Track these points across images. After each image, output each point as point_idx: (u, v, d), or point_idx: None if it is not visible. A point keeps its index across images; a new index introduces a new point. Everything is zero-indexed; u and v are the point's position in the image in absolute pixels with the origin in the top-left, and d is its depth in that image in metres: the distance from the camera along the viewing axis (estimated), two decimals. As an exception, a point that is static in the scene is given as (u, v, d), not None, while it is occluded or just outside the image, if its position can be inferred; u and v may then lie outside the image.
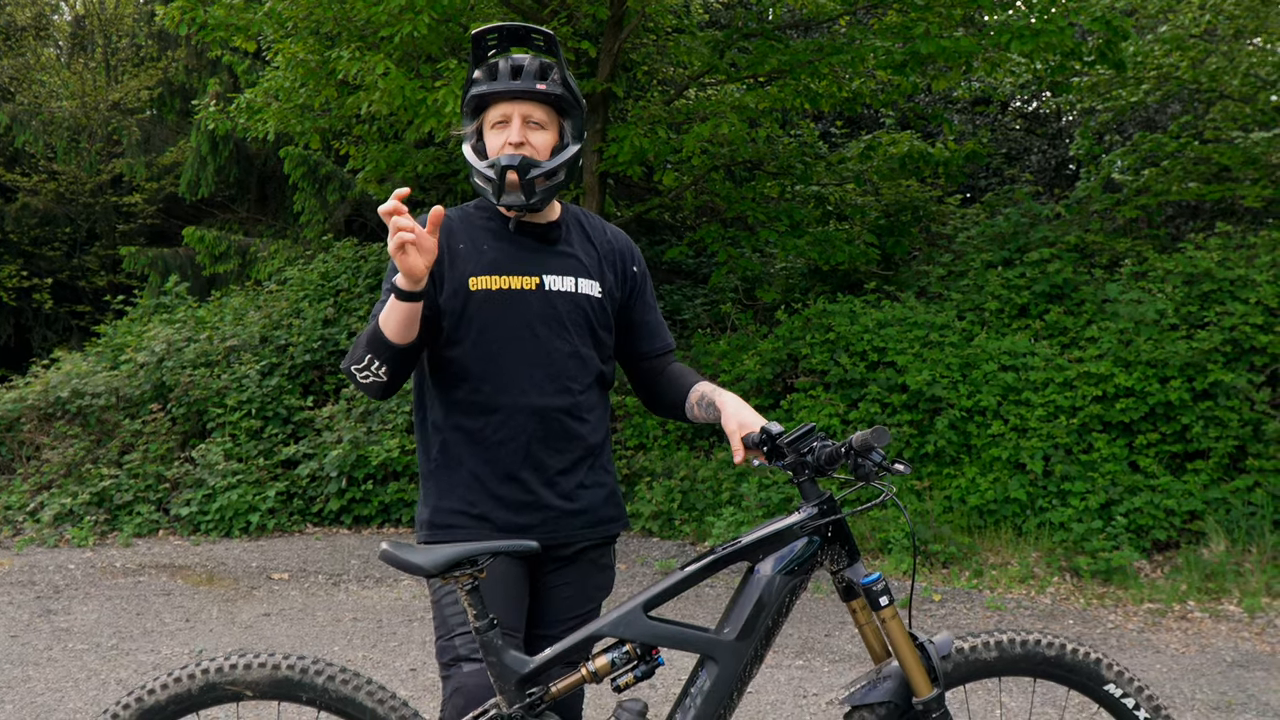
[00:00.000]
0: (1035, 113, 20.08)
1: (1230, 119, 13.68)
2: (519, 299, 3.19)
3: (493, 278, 3.17)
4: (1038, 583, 8.68)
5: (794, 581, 2.91)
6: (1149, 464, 9.50)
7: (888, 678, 2.95)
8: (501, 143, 3.15)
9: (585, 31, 11.38)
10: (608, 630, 2.85)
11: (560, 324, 3.23)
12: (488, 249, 3.21)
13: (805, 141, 14.89)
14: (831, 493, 2.95)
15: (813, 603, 8.10)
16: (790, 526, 2.91)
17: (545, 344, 3.20)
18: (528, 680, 2.83)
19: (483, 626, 2.81)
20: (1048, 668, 2.99)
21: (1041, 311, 10.97)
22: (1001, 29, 10.56)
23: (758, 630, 2.87)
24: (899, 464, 2.84)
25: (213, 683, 2.83)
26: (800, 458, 2.91)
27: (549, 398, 3.20)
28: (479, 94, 3.18)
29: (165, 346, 12.23)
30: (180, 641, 7.19)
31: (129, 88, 19.85)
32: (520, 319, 3.18)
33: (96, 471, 10.91)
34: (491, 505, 3.18)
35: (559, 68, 3.21)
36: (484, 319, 3.16)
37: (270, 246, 16.36)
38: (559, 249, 3.30)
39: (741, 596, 2.91)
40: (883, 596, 2.90)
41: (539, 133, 3.18)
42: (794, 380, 11.18)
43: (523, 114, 3.16)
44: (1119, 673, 3.01)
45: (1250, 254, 10.51)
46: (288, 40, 10.91)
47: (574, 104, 3.23)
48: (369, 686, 2.86)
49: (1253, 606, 7.98)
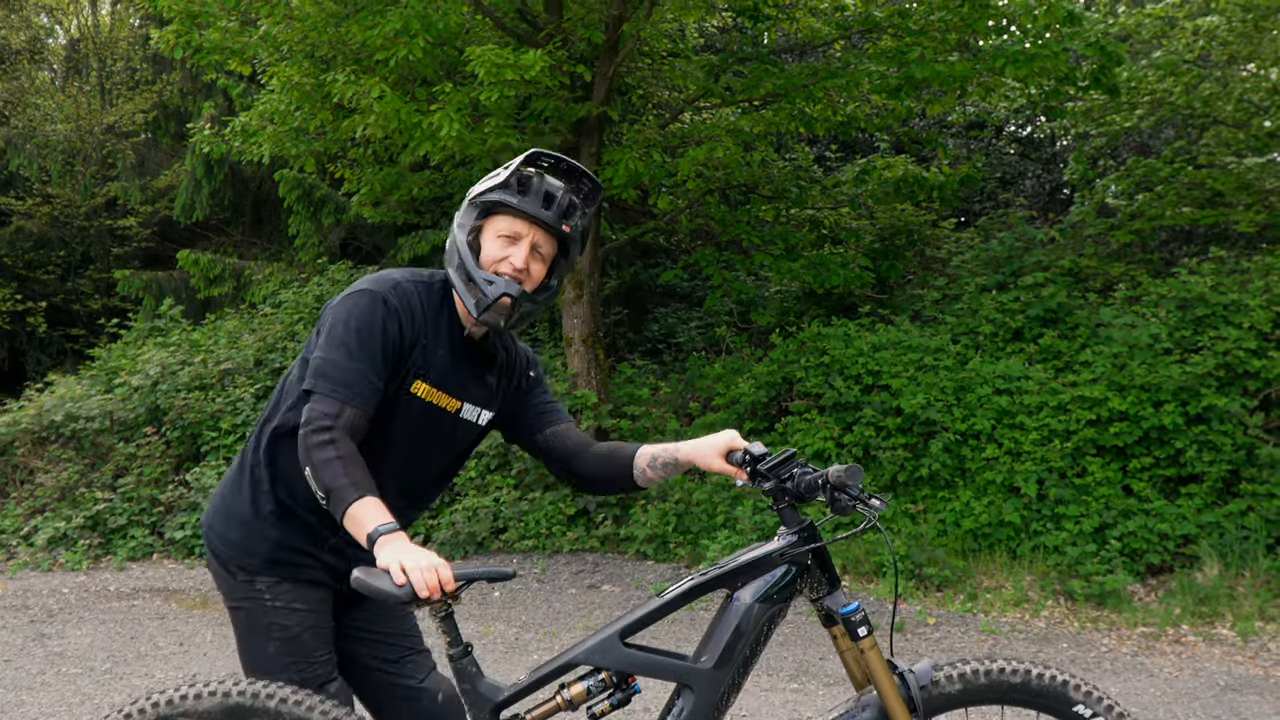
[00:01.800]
0: (1029, 137, 20.12)
1: (1224, 144, 13.70)
2: (437, 417, 3.21)
3: (431, 389, 3.17)
4: (1032, 606, 8.66)
5: (773, 609, 2.90)
6: (1143, 488, 9.49)
7: (866, 707, 2.94)
8: (502, 258, 3.09)
9: (580, 55, 11.39)
10: (583, 658, 2.84)
11: (452, 449, 3.33)
12: (441, 358, 3.18)
13: (800, 165, 14.90)
14: (812, 519, 2.94)
15: (807, 625, 8.08)
16: (770, 554, 2.91)
17: (427, 464, 3.28)
18: (502, 707, 2.82)
19: (457, 654, 2.80)
20: (1014, 694, 2.99)
21: (1036, 335, 10.97)
22: (996, 54, 10.58)
23: (735, 658, 2.86)
24: (875, 499, 2.82)
25: (164, 715, 2.81)
26: (780, 483, 2.90)
27: (405, 507, 3.24)
28: (501, 201, 3.10)
29: (159, 370, 12.21)
30: (174, 665, 7.18)
31: (124, 111, 19.87)
32: (425, 435, 3.21)
33: (90, 495, 10.89)
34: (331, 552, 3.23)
35: (584, 214, 3.20)
36: (399, 420, 3.16)
37: (265, 269, 16.36)
38: (486, 379, 3.31)
39: (720, 624, 2.90)
40: (861, 627, 2.89)
41: (538, 264, 3.15)
42: (789, 403, 11.17)
43: (534, 241, 3.11)
44: (1087, 693, 3.00)
45: (1244, 279, 10.51)
46: (283, 64, 10.91)
47: (578, 250, 3.23)
48: (322, 706, 2.84)
49: (1246, 630, 7.96)
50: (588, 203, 3.19)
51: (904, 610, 8.68)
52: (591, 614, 8.40)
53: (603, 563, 10.13)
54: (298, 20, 10.21)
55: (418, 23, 9.35)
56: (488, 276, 3.05)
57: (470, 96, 9.76)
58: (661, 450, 3.20)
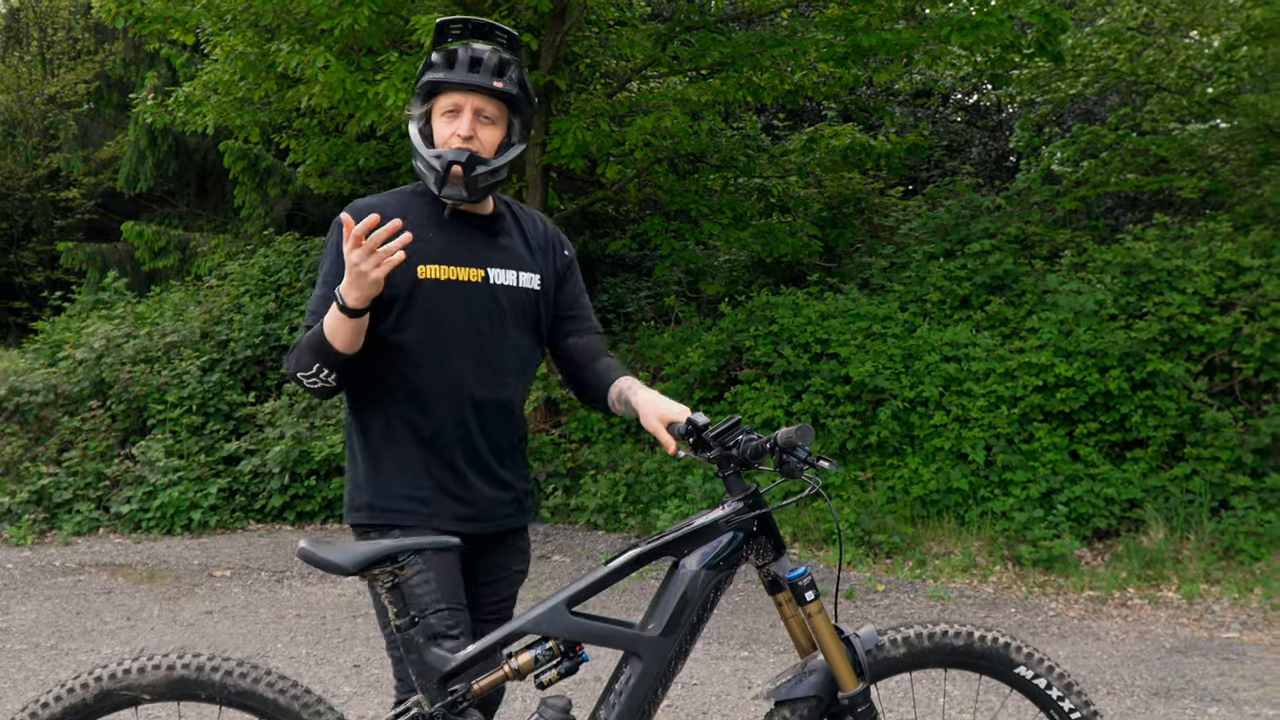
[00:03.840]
0: (976, 105, 20.21)
1: (1167, 111, 13.82)
2: (466, 291, 3.20)
3: (440, 267, 3.17)
4: (980, 572, 8.74)
5: (719, 576, 2.90)
6: (1089, 453, 9.57)
7: (813, 672, 2.95)
8: (450, 133, 3.15)
9: (527, 24, 11.32)
10: (530, 627, 2.83)
11: (503, 318, 3.25)
12: (434, 237, 3.20)
13: (748, 134, 14.89)
14: (757, 486, 2.95)
15: (757, 594, 8.11)
16: (715, 521, 2.90)
17: (488, 338, 3.22)
18: (449, 678, 2.82)
19: (404, 624, 2.79)
20: (957, 657, 3.01)
21: (983, 303, 11.03)
22: (942, 22, 10.60)
23: (682, 626, 2.86)
24: (824, 460, 2.83)
25: (107, 689, 2.77)
26: (725, 451, 2.90)
27: (488, 391, 3.23)
28: (434, 80, 3.16)
29: (104, 343, 12.08)
30: (121, 641, 7.12)
31: (65, 81, 19.65)
32: (466, 311, 3.19)
33: (35, 469, 10.77)
34: (435, 493, 3.20)
35: (517, 66, 3.20)
36: (430, 308, 3.16)
37: (211, 241, 16.22)
38: (500, 242, 3.31)
39: (666, 592, 2.90)
40: (808, 591, 2.90)
41: (488, 128, 3.17)
42: (738, 372, 11.20)
43: (475, 107, 3.15)
44: (1028, 654, 3.02)
45: (1187, 245, 10.61)
46: (226, 33, 10.79)
47: (526, 103, 3.23)
48: (269, 678, 2.82)
49: (1191, 593, 8.06)
50: (514, 53, 3.23)
51: (853, 577, 8.73)
52: (542, 584, 8.40)
53: (553, 533, 10.14)
54: (241, -12, 10.10)
55: (363, -9, 9.27)
56: (435, 152, 3.12)
57: (416, 66, 9.69)
58: (628, 389, 3.24)
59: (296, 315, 12.46)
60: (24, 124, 19.88)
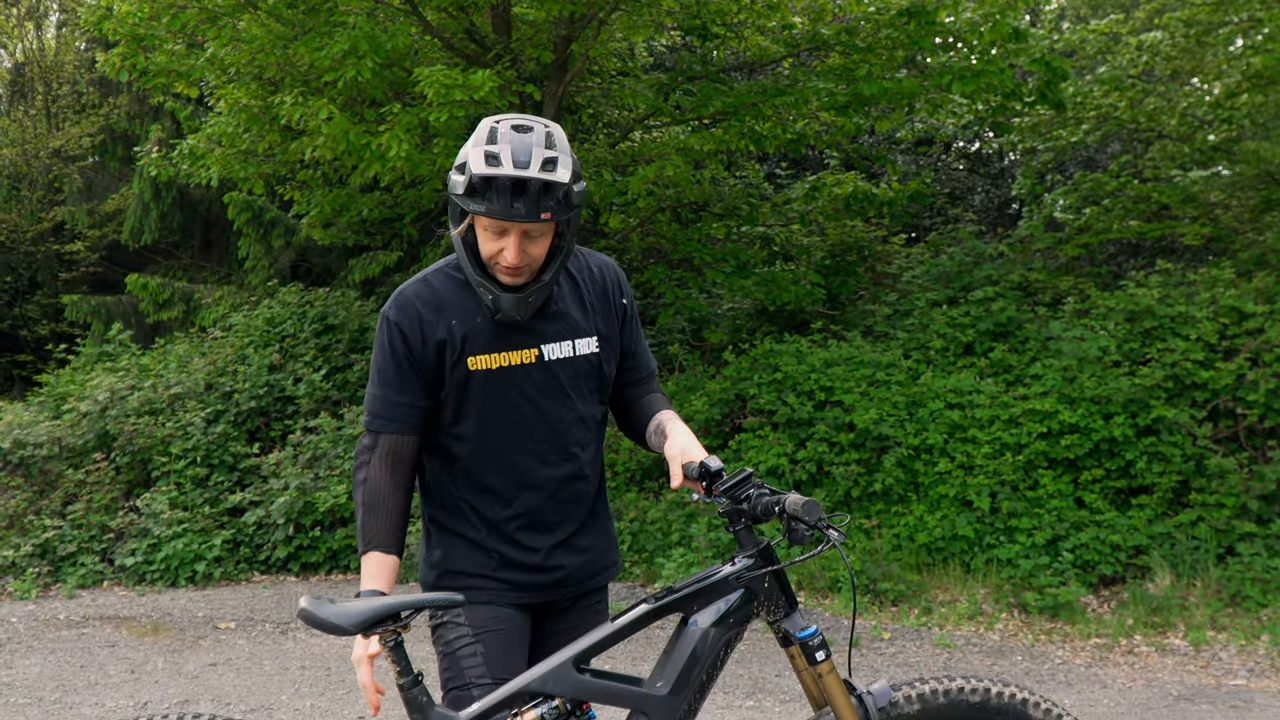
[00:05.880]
0: (978, 153, 20.23)
1: (1169, 158, 13.83)
2: (519, 375, 3.11)
3: (491, 356, 3.08)
4: (986, 619, 8.70)
5: (729, 634, 2.87)
6: (1094, 500, 9.55)
7: (824, 730, 2.92)
8: (496, 250, 2.96)
9: (530, 75, 11.39)
10: (536, 685, 2.81)
11: (563, 392, 3.16)
12: (481, 323, 3.08)
13: (750, 183, 14.94)
14: (769, 541, 2.93)
15: (764, 642, 8.07)
16: (726, 577, 2.88)
17: (549, 415, 3.14)
18: (456, 737, 2.80)
19: (407, 684, 2.77)
20: (973, 713, 2.95)
21: (986, 349, 11.02)
22: (943, 70, 10.66)
23: (691, 683, 2.83)
24: (833, 529, 2.79)
25: None
26: (736, 505, 2.87)
27: (555, 468, 3.17)
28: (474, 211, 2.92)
29: (108, 395, 12.08)
30: (125, 694, 7.10)
31: (70, 135, 19.70)
32: (522, 394, 3.11)
33: (39, 523, 10.75)
34: (507, 569, 3.16)
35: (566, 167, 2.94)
36: (486, 400, 3.09)
37: (215, 293, 16.22)
38: (552, 310, 3.15)
39: (675, 649, 2.87)
40: (819, 651, 2.87)
41: (536, 243, 2.98)
42: (742, 420, 11.18)
43: (522, 230, 2.93)
44: (1046, 710, 2.98)
45: (1190, 291, 10.60)
46: (230, 86, 10.86)
47: (577, 205, 3.00)
48: None
49: (1198, 640, 8.03)
50: (550, 149, 2.92)
51: (859, 625, 8.69)
52: (548, 635, 8.35)
53: (558, 583, 10.08)
54: (245, 42, 10.17)
55: (366, 44, 9.30)
56: (490, 294, 3.00)
57: (419, 117, 9.73)
58: (665, 421, 3.21)
59: (301, 365, 12.44)
60: (29, 178, 19.96)
